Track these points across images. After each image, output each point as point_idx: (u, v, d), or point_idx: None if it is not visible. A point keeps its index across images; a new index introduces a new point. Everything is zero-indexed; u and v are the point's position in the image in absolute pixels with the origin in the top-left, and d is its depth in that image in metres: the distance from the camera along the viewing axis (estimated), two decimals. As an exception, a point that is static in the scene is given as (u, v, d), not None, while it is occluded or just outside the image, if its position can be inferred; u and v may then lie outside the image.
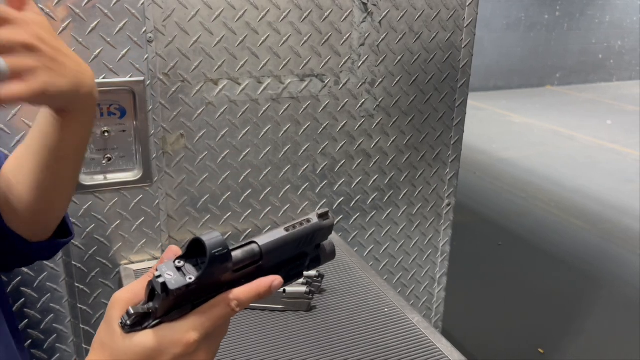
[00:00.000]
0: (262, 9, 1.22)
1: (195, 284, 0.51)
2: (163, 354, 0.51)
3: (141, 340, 0.51)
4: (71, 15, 1.07)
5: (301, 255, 0.60)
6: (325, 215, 0.60)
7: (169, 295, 0.50)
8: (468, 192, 4.42)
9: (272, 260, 0.57)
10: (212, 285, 0.53)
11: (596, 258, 3.46)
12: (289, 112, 1.33)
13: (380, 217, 1.55)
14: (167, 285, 0.50)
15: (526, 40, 8.94)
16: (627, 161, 5.47)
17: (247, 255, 0.55)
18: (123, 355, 0.51)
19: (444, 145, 1.55)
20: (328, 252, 0.63)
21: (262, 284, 0.55)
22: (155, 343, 0.51)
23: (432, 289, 1.70)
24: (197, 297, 0.53)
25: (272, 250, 0.56)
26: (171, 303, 0.51)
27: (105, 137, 1.17)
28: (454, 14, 1.43)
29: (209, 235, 0.51)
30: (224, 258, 0.51)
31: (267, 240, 0.56)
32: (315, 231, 0.59)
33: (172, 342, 0.51)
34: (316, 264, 0.63)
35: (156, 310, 0.51)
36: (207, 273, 0.51)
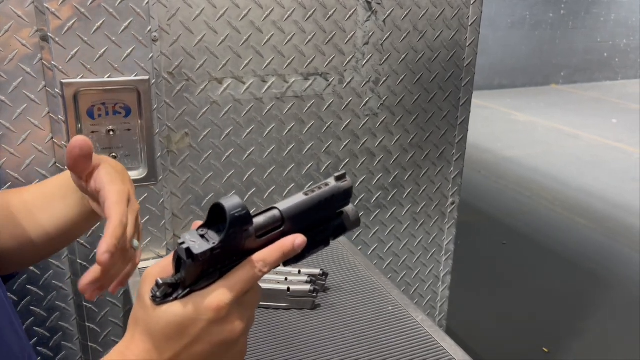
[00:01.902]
0: (266, 8, 1.23)
1: (219, 247, 0.51)
2: (196, 322, 0.51)
3: (172, 309, 0.51)
4: (76, 14, 1.07)
5: (324, 220, 0.60)
6: (343, 178, 0.60)
7: (194, 261, 0.51)
8: (472, 190, 4.41)
9: (294, 225, 0.57)
10: (236, 251, 0.54)
11: (601, 257, 3.45)
12: (293, 110, 1.34)
13: (384, 216, 1.55)
14: (191, 251, 0.50)
15: (531, 39, 8.91)
16: (632, 160, 5.45)
17: (268, 220, 0.55)
18: (156, 326, 0.51)
19: (448, 144, 1.55)
20: (352, 219, 0.63)
21: (285, 243, 0.55)
22: (186, 311, 0.51)
23: (436, 288, 1.70)
24: (223, 264, 0.53)
25: (294, 214, 0.56)
26: (198, 270, 0.52)
27: (110, 135, 1.17)
28: (458, 12, 1.43)
29: (227, 198, 0.51)
30: (244, 219, 0.52)
31: (287, 205, 0.57)
32: (334, 194, 0.59)
33: (203, 308, 0.51)
34: (341, 231, 0.63)
35: (184, 280, 0.52)
36: (230, 235, 0.51)
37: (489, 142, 5.78)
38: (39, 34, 1.07)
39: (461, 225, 1.69)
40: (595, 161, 5.37)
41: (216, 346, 0.52)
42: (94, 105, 1.14)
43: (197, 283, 0.52)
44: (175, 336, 0.51)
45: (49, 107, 1.11)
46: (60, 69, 1.09)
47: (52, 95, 1.11)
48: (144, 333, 0.52)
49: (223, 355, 0.54)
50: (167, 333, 0.51)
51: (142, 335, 0.52)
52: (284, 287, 1.05)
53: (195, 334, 0.51)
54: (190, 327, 0.51)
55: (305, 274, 1.11)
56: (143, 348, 0.52)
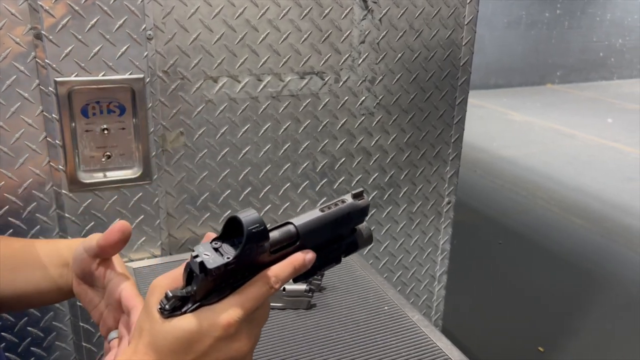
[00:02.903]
0: (261, 6, 1.22)
1: (234, 263, 0.50)
2: (203, 337, 0.50)
3: (180, 324, 0.50)
4: (70, 12, 1.06)
5: (338, 238, 0.59)
6: (360, 196, 0.59)
7: (207, 276, 0.49)
8: (469, 190, 4.42)
9: (309, 241, 0.56)
10: (250, 266, 0.52)
11: (597, 256, 3.46)
12: (288, 109, 1.33)
13: (380, 215, 1.54)
14: (205, 265, 0.49)
15: (527, 38, 8.93)
16: (628, 160, 5.46)
17: (284, 235, 0.54)
18: (162, 340, 0.50)
19: (444, 143, 1.55)
20: (365, 237, 0.62)
21: (297, 258, 0.55)
22: (195, 326, 0.50)
23: (432, 287, 1.70)
24: (236, 279, 0.52)
25: (309, 230, 0.55)
26: (210, 285, 0.50)
27: (105, 134, 1.17)
28: (455, 11, 1.43)
29: (245, 213, 0.50)
30: (261, 235, 0.51)
31: (303, 221, 0.56)
32: (351, 212, 0.58)
33: (212, 324, 0.50)
34: (353, 248, 0.62)
35: (195, 293, 0.50)
36: (245, 251, 0.50)
37: (485, 142, 5.79)
38: (33, 32, 1.06)
39: (457, 224, 1.69)
40: (591, 161, 5.38)
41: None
42: (88, 103, 1.13)
43: (207, 297, 0.51)
44: (181, 351, 0.50)
45: (42, 105, 1.11)
46: (54, 67, 1.08)
47: (45, 93, 1.10)
48: (148, 346, 0.51)
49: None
50: (174, 348, 0.50)
51: (147, 348, 0.51)
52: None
53: (202, 351, 0.50)
54: (198, 343, 0.50)
55: (300, 274, 1.10)
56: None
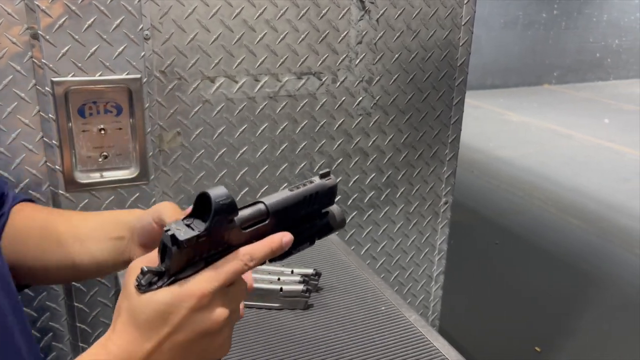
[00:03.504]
0: (259, 7, 1.22)
1: (205, 235, 0.52)
2: (178, 309, 0.51)
3: (156, 297, 0.51)
4: (67, 12, 1.06)
5: (309, 217, 0.62)
6: (327, 175, 0.62)
7: (179, 248, 0.51)
8: (465, 190, 4.42)
9: (279, 219, 0.58)
10: (222, 241, 0.54)
11: (593, 257, 3.47)
12: (286, 110, 1.33)
13: (377, 216, 1.54)
14: (176, 237, 0.51)
15: (524, 39, 8.95)
16: (624, 160, 5.48)
17: (254, 213, 0.57)
18: (140, 314, 0.51)
19: (441, 144, 1.55)
20: (338, 220, 0.64)
21: (274, 239, 0.56)
22: (169, 298, 0.51)
23: (429, 288, 1.70)
24: (209, 254, 0.54)
25: (279, 208, 0.58)
26: (183, 258, 0.52)
27: (102, 134, 1.16)
28: (452, 12, 1.43)
29: (213, 188, 0.53)
30: (229, 207, 0.53)
31: (273, 199, 0.58)
32: (319, 191, 0.61)
33: (186, 295, 0.51)
34: (327, 230, 0.64)
35: (169, 268, 0.52)
36: (215, 222, 0.52)
37: (482, 142, 5.80)
38: (30, 32, 1.06)
39: (454, 225, 1.69)
40: (587, 161, 5.40)
41: (199, 336, 0.52)
42: (85, 103, 1.13)
43: (182, 272, 0.52)
44: (158, 324, 0.51)
45: (39, 105, 1.10)
46: (51, 67, 1.08)
47: (42, 93, 1.09)
48: (126, 323, 0.52)
49: (206, 346, 0.54)
50: (151, 320, 0.51)
51: (125, 325, 0.52)
52: (276, 287, 1.05)
53: (178, 322, 0.51)
54: (173, 315, 0.51)
55: (298, 274, 1.10)
56: (125, 338, 0.52)
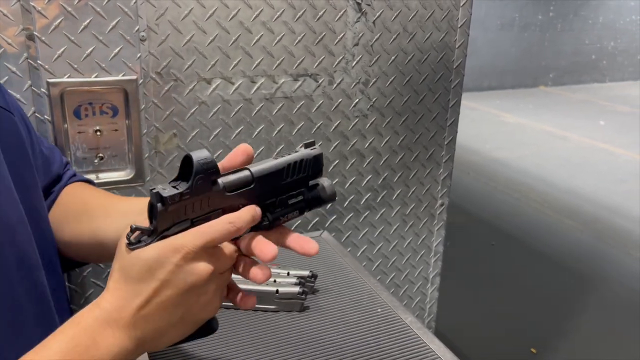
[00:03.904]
0: (255, 8, 1.22)
1: (188, 193, 0.54)
2: (164, 264, 0.53)
3: (144, 252, 0.53)
4: (63, 13, 1.06)
5: (296, 185, 0.63)
6: (311, 144, 0.64)
7: (164, 205, 0.53)
8: (462, 192, 4.43)
9: (264, 185, 0.60)
10: (207, 202, 0.56)
11: (589, 258, 3.48)
12: (282, 111, 1.33)
13: (373, 217, 1.54)
14: (160, 194, 0.53)
15: (520, 41, 8.98)
16: (619, 162, 5.50)
17: (239, 178, 0.59)
18: (129, 270, 0.53)
19: (437, 146, 1.55)
20: (328, 192, 0.65)
21: (252, 206, 0.59)
22: (156, 253, 0.53)
23: (425, 289, 1.70)
24: (195, 214, 0.56)
25: (263, 174, 0.60)
26: (169, 216, 0.55)
27: (97, 136, 1.16)
28: (448, 14, 1.43)
29: (195, 151, 0.55)
30: (210, 167, 0.55)
31: (258, 166, 0.60)
32: (303, 159, 0.62)
33: (171, 250, 0.53)
34: (317, 202, 0.65)
35: (156, 226, 0.54)
36: (197, 180, 0.55)
37: (478, 144, 5.81)
38: (25, 33, 1.05)
39: (450, 226, 1.69)
40: (583, 163, 5.42)
41: (185, 292, 0.54)
42: (80, 105, 1.13)
43: (168, 230, 0.55)
44: (146, 279, 0.53)
45: (34, 106, 1.10)
46: (47, 68, 1.08)
47: (38, 94, 1.09)
48: (117, 280, 0.54)
49: (193, 303, 0.55)
50: (139, 276, 0.53)
51: (116, 283, 0.54)
52: (272, 289, 1.05)
53: (164, 277, 0.53)
54: (160, 270, 0.53)
55: (294, 276, 1.10)
56: (116, 294, 0.53)
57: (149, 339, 0.55)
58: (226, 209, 0.58)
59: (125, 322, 0.53)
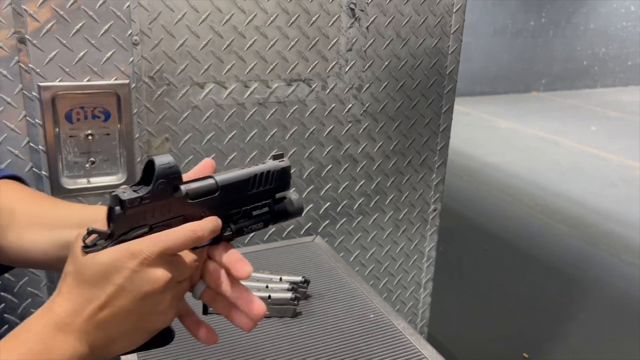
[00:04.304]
0: (249, 13, 1.22)
1: (148, 198, 0.53)
2: (120, 268, 0.51)
3: (99, 256, 0.51)
4: (55, 16, 1.05)
5: (262, 196, 0.62)
6: (280, 157, 0.63)
7: (123, 209, 0.52)
8: (455, 196, 4.44)
9: (228, 194, 0.59)
10: (168, 209, 0.55)
11: (580, 262, 3.50)
12: (275, 116, 1.33)
13: (366, 222, 1.54)
14: (119, 197, 0.52)
15: (512, 47, 9.03)
16: (610, 166, 5.54)
17: (203, 185, 0.58)
18: (82, 275, 0.51)
19: (430, 151, 1.56)
20: (296, 205, 0.64)
21: (213, 217, 0.58)
22: (112, 257, 0.51)
23: (418, 294, 1.70)
24: (155, 221, 0.54)
25: (228, 184, 0.59)
26: (127, 221, 0.53)
27: (89, 140, 1.15)
28: (441, 20, 1.44)
29: (158, 156, 0.54)
30: (172, 172, 0.54)
31: (223, 175, 0.59)
32: (270, 170, 0.61)
33: (128, 255, 0.51)
34: (283, 216, 0.64)
35: (114, 230, 0.53)
36: (158, 185, 0.53)
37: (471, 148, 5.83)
38: (16, 36, 1.05)
39: (443, 230, 1.69)
40: (575, 167, 5.45)
41: (140, 298, 0.52)
42: (72, 109, 1.12)
43: (126, 235, 0.53)
44: (100, 283, 0.51)
45: (25, 110, 1.09)
46: (38, 71, 1.07)
47: (29, 98, 1.08)
48: (70, 284, 0.52)
49: (148, 310, 0.53)
50: (93, 280, 0.51)
51: (69, 287, 0.52)
52: (265, 295, 1.04)
53: (119, 283, 0.51)
54: (116, 274, 0.51)
55: (286, 282, 1.10)
56: (69, 299, 0.52)
57: (100, 346, 0.53)
58: (188, 216, 0.56)
59: (78, 327, 0.51)
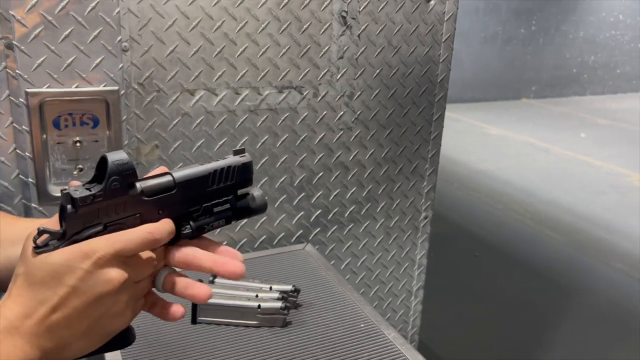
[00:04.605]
0: (240, 20, 1.21)
1: (100, 196, 0.51)
2: (73, 269, 0.49)
3: (51, 256, 0.50)
4: (43, 22, 1.04)
5: (223, 192, 0.60)
6: (241, 152, 0.62)
7: (75, 208, 0.50)
8: (446, 202, 4.45)
9: (187, 191, 0.57)
10: (122, 207, 0.53)
11: (569, 269, 3.51)
12: (266, 123, 1.32)
13: (357, 230, 1.54)
14: (71, 195, 0.50)
15: (503, 54, 9.10)
16: (599, 174, 5.58)
17: (160, 182, 0.56)
18: (33, 275, 0.50)
19: (421, 159, 1.56)
20: (258, 202, 0.62)
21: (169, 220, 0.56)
22: (63, 258, 0.50)
23: (409, 302, 1.69)
24: (109, 220, 0.53)
25: (186, 180, 0.57)
26: (80, 220, 0.51)
27: (77, 147, 1.14)
28: (432, 28, 1.44)
29: (112, 152, 0.52)
30: (126, 169, 0.52)
31: (181, 171, 0.57)
32: (231, 166, 0.60)
33: (81, 255, 0.50)
34: (245, 212, 0.62)
35: (66, 230, 0.51)
36: (111, 183, 0.52)
37: (462, 155, 5.86)
38: (4, 42, 1.03)
39: (434, 236, 1.69)
40: (564, 174, 5.48)
41: (93, 300, 0.51)
42: (60, 115, 1.11)
43: (79, 234, 0.51)
44: (52, 284, 0.49)
45: (12, 116, 1.08)
46: (25, 77, 1.06)
47: (16, 104, 1.07)
48: (20, 286, 0.51)
49: (102, 312, 0.52)
50: (45, 282, 0.50)
51: (19, 289, 0.50)
52: (254, 305, 1.03)
53: (72, 283, 0.50)
54: (67, 275, 0.49)
55: (276, 291, 1.09)
56: (19, 302, 0.50)
57: (53, 350, 0.51)
58: (144, 214, 0.55)
59: (28, 330, 0.49)
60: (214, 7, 1.18)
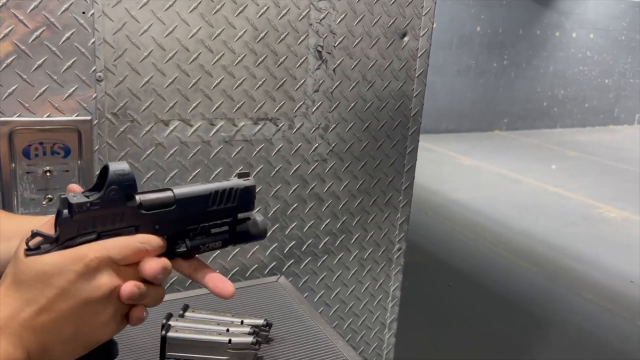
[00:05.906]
0: (216, 52, 1.22)
1: (98, 204, 0.51)
2: (64, 272, 0.49)
3: (41, 258, 0.50)
4: (16, 51, 1.03)
5: (222, 214, 0.60)
6: (245, 175, 0.61)
7: (71, 213, 0.50)
8: (420, 231, 4.49)
9: (186, 209, 0.57)
10: (119, 218, 0.53)
11: (541, 299, 3.55)
12: (241, 154, 1.32)
13: (331, 262, 1.53)
14: (68, 200, 0.50)
15: (476, 86, 9.34)
16: (570, 204, 5.71)
17: (160, 197, 0.56)
18: (22, 276, 0.50)
19: (395, 191, 1.57)
20: (260, 228, 0.62)
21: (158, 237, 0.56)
22: (55, 260, 0.49)
23: (382, 335, 1.69)
24: (104, 229, 0.53)
25: (186, 197, 0.57)
26: (75, 226, 0.51)
27: (47, 176, 1.12)
28: (406, 64, 1.47)
29: (114, 162, 0.53)
30: (126, 180, 0.52)
31: (182, 188, 0.57)
32: (233, 188, 0.59)
33: (73, 258, 0.50)
34: (244, 237, 0.62)
35: (60, 234, 0.51)
36: (110, 192, 0.52)
37: (436, 184, 5.93)
38: (-26, 70, 1.02)
39: (408, 265, 1.69)
40: (536, 205, 5.59)
41: (81, 306, 0.50)
42: (30, 144, 1.09)
43: (73, 240, 0.51)
44: (41, 286, 0.49)
45: (-20, 145, 1.06)
46: (-4, 106, 1.04)
47: (-16, 133, 1.05)
48: (8, 286, 0.50)
49: (89, 319, 0.51)
50: (33, 283, 0.49)
51: (7, 289, 0.50)
52: (225, 340, 1.01)
53: (61, 286, 0.49)
54: (58, 278, 0.49)
55: (248, 325, 1.07)
56: (5, 301, 0.49)
57: (36, 353, 0.50)
58: (140, 227, 0.54)
59: (12, 331, 0.49)
60: (190, 39, 1.19)
